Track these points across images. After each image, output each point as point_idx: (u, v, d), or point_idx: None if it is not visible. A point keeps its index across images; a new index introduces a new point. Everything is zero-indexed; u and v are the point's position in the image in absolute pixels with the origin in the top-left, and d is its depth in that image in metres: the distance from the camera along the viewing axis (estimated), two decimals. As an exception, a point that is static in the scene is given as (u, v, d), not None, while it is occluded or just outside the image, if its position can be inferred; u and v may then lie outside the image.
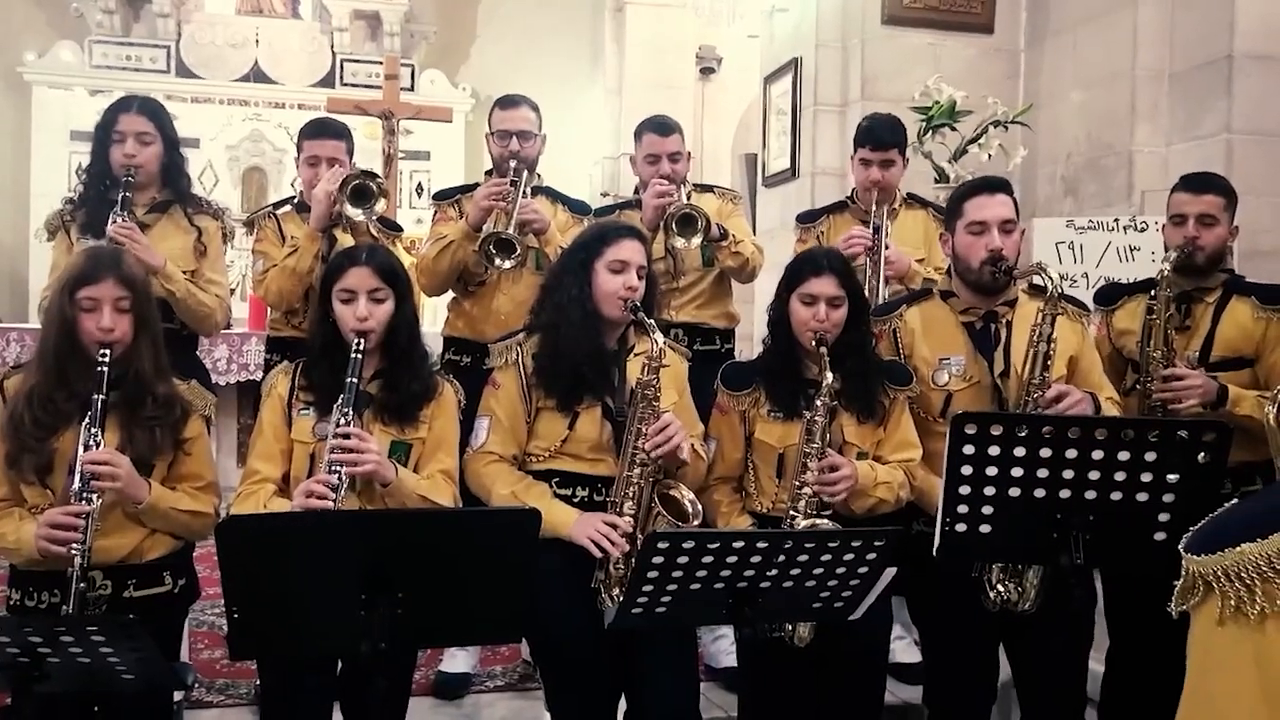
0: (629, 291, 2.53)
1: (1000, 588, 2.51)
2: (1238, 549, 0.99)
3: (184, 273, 3.15)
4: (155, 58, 8.23)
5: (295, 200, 3.58)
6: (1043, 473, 2.14)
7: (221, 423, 6.00)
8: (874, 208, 3.44)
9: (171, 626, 2.57)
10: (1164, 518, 2.18)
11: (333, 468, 2.34)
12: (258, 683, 3.17)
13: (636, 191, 3.71)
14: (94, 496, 2.28)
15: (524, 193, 3.37)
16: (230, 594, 1.90)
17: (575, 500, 2.53)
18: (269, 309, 3.60)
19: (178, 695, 2.95)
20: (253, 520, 2.20)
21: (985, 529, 2.19)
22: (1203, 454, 2.14)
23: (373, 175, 3.32)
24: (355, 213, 3.23)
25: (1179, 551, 2.20)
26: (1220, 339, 2.95)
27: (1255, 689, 0.96)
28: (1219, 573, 0.99)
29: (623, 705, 2.58)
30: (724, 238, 3.48)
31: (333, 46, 8.51)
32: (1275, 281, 3.05)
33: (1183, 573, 1.04)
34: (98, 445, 2.29)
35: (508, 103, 3.61)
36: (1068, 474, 2.14)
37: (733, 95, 8.18)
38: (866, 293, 3.11)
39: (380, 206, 3.29)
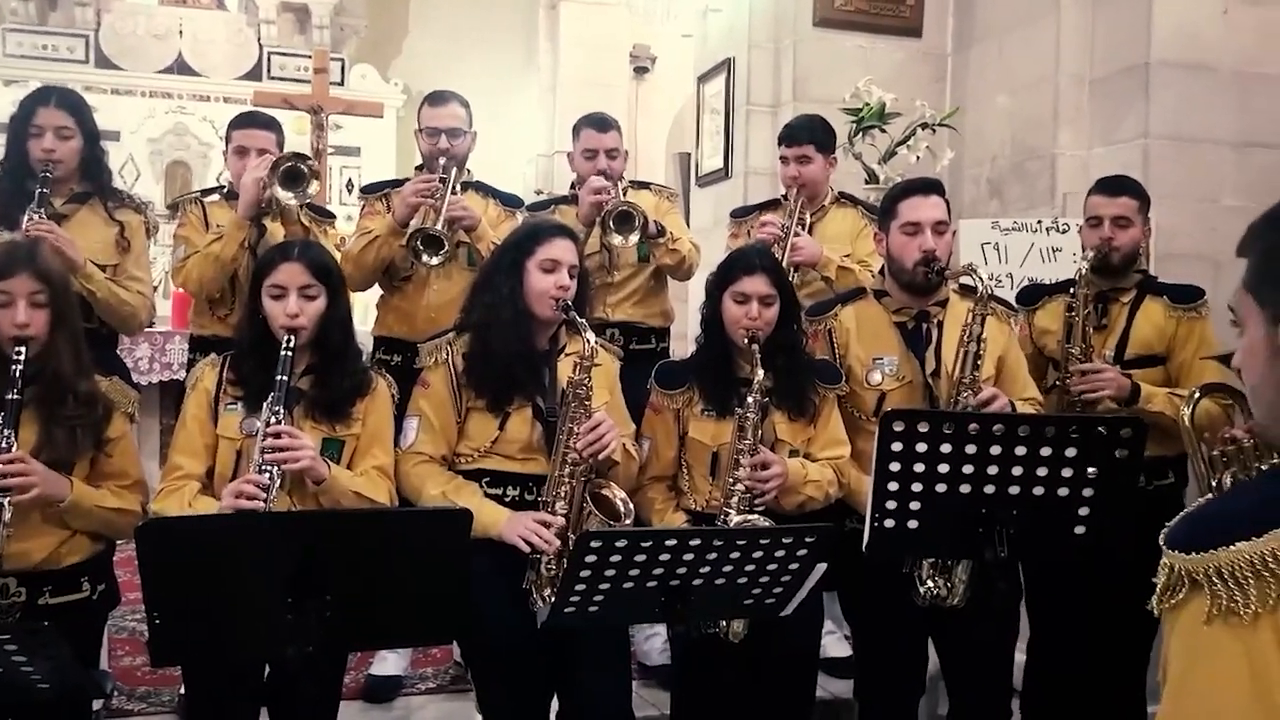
0: (560, 291, 2.52)
1: (930, 583, 2.56)
2: (1232, 547, 0.96)
3: (106, 267, 3.07)
4: (73, 47, 7.97)
5: (224, 189, 3.50)
6: (968, 469, 2.18)
7: (143, 424, 5.84)
8: (793, 201, 3.50)
9: (90, 633, 2.50)
10: (1083, 512, 2.24)
11: (264, 467, 2.29)
12: (182, 690, 3.10)
13: (573, 187, 3.70)
14: (5, 501, 2.20)
15: (453, 189, 3.34)
16: (151, 599, 1.86)
17: (506, 499, 2.52)
18: (191, 303, 3.50)
19: (97, 704, 2.87)
20: (173, 523, 2.15)
21: (913, 524, 2.23)
22: (1120, 450, 2.20)
23: (304, 157, 3.23)
24: (287, 196, 3.14)
25: (1098, 546, 2.25)
26: (1135, 338, 3.05)
27: (1245, 687, 0.94)
28: (1210, 572, 0.96)
29: (555, 705, 2.58)
30: (661, 234, 3.49)
31: (259, 39, 8.33)
32: (1190, 282, 3.17)
33: (1165, 571, 1.01)
34: (10, 446, 2.22)
35: (437, 99, 3.57)
36: (992, 470, 2.18)
37: (667, 94, 8.20)
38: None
39: (313, 189, 3.20)
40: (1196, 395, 2.78)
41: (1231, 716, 0.95)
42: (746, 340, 2.56)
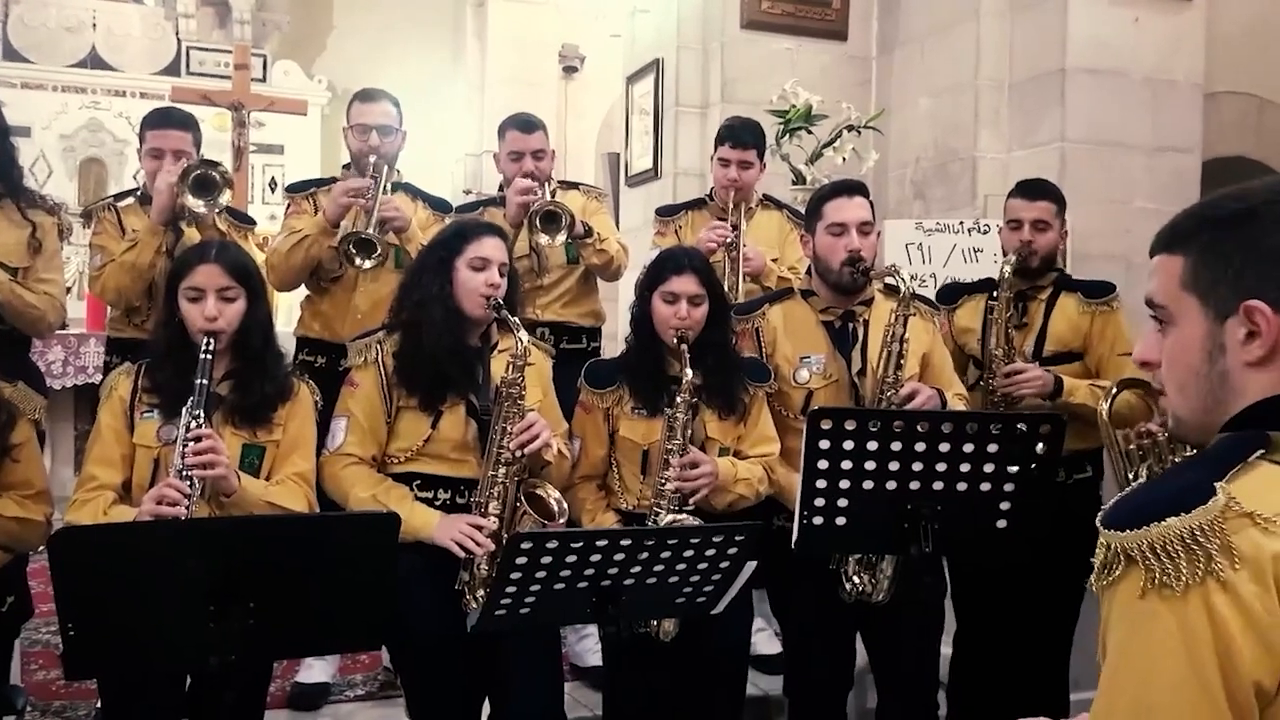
0: (490, 289, 2.51)
1: (856, 579, 2.60)
2: (1163, 523, 1.01)
3: (19, 270, 2.97)
4: (-21, 39, 7.70)
5: (138, 192, 3.41)
6: (894, 465, 2.22)
7: (58, 429, 5.67)
8: (731, 207, 3.50)
9: (0, 647, 2.41)
10: (1005, 506, 2.30)
11: (185, 472, 2.23)
12: (98, 704, 3.01)
13: (501, 189, 3.68)
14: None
15: (384, 189, 3.29)
16: (65, 610, 1.80)
17: (437, 503, 2.49)
18: (108, 308, 3.40)
19: (8, 720, 2.77)
20: (88, 530, 2.08)
21: (841, 521, 2.26)
22: (1040, 445, 2.26)
23: (215, 164, 3.16)
24: (197, 204, 3.07)
25: (1015, 535, 2.30)
26: (1052, 334, 3.14)
27: (1180, 656, 0.99)
28: (1144, 547, 1.01)
29: (486, 708, 2.56)
30: (588, 235, 3.49)
31: (178, 33, 8.12)
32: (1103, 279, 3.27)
33: (1102, 549, 1.06)
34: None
35: (367, 96, 3.52)
36: (917, 466, 2.23)
37: (596, 94, 8.18)
38: (726, 289, 3.17)
39: (225, 198, 3.13)
40: (1114, 390, 2.87)
41: (1167, 683, 1.00)
42: (676, 340, 2.58)
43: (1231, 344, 1.10)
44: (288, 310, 5.26)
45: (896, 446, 2.21)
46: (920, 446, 2.21)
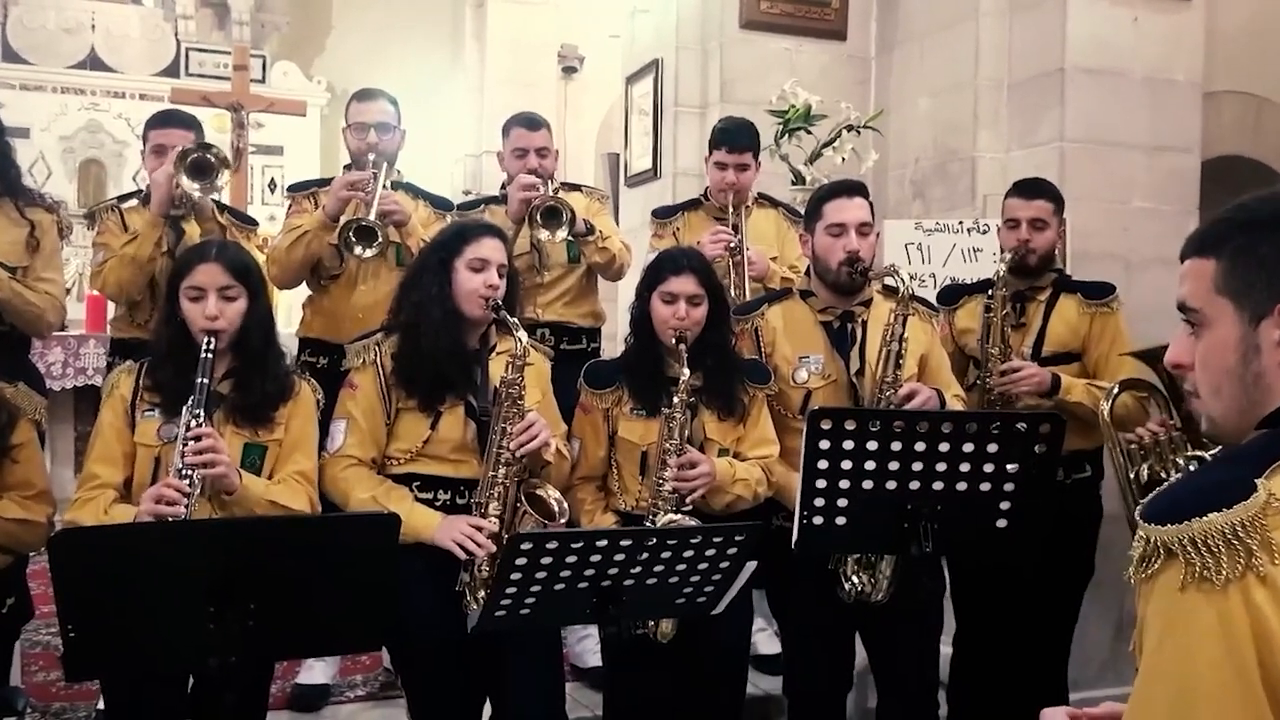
0: (490, 290, 2.51)
1: (855, 579, 2.60)
2: (1204, 518, 1.03)
3: (17, 269, 2.96)
4: (-22, 40, 7.71)
5: (141, 194, 3.40)
6: (894, 465, 2.22)
7: (58, 430, 5.66)
8: (730, 210, 3.50)
9: (1, 649, 2.41)
10: (1005, 506, 2.30)
11: (185, 472, 2.23)
12: (100, 705, 3.01)
13: (503, 187, 3.68)
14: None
15: (384, 185, 3.30)
16: (65, 611, 1.80)
17: (437, 504, 2.49)
18: (109, 307, 3.40)
19: (8, 722, 2.78)
20: (88, 532, 2.08)
21: (840, 521, 2.26)
22: (1039, 445, 2.26)
23: (211, 147, 3.12)
24: (193, 187, 3.04)
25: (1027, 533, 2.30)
26: (1051, 335, 3.14)
27: (1219, 646, 1.01)
28: (1184, 541, 1.03)
29: (488, 709, 2.56)
30: (590, 233, 3.49)
31: (177, 34, 8.13)
32: (1103, 280, 3.26)
33: (1141, 543, 1.07)
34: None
35: (365, 96, 3.54)
36: (916, 466, 2.23)
37: (595, 95, 8.19)
38: (732, 291, 3.18)
39: (224, 179, 3.10)
40: (1115, 391, 2.88)
41: (1206, 675, 1.01)
42: (674, 340, 2.58)
43: (1266, 345, 1.12)
44: (288, 311, 5.27)
45: (896, 446, 2.21)
46: (920, 446, 2.21)
